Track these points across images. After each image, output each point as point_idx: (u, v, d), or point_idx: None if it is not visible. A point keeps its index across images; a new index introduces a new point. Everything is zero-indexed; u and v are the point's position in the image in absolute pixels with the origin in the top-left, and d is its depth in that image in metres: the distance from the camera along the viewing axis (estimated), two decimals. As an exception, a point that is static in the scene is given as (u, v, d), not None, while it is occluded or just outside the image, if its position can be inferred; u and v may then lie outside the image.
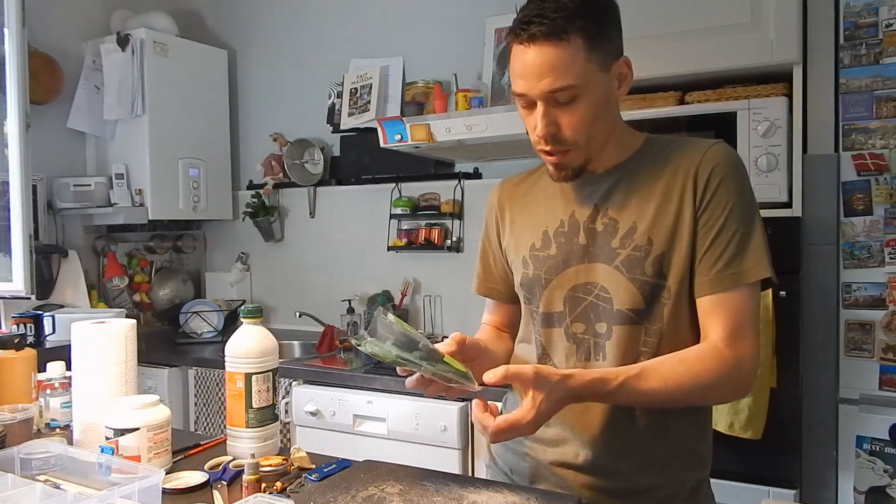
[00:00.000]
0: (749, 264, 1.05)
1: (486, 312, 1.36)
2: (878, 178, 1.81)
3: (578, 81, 1.03)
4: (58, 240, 3.04)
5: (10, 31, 2.30)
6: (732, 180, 1.07)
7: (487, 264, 1.32)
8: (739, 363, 1.04)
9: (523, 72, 1.04)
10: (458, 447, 2.11)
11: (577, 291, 1.13)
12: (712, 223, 1.06)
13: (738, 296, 1.05)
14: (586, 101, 1.05)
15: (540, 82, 1.03)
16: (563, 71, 1.02)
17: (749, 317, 1.06)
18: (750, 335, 1.06)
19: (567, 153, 1.09)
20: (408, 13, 3.01)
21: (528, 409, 0.96)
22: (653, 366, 1.03)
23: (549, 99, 1.04)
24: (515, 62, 1.06)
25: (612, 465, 1.10)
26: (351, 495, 1.02)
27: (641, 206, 1.10)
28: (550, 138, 1.07)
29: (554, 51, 1.01)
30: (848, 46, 1.85)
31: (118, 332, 1.30)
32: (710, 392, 1.07)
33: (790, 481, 1.80)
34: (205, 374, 2.71)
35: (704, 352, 1.04)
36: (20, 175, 2.33)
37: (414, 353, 1.00)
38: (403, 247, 2.92)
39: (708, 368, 1.03)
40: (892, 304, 1.80)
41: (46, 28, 2.99)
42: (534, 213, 1.21)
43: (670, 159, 1.11)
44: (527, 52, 1.03)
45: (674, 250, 1.07)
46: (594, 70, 1.04)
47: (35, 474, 1.11)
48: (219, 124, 3.38)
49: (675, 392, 1.02)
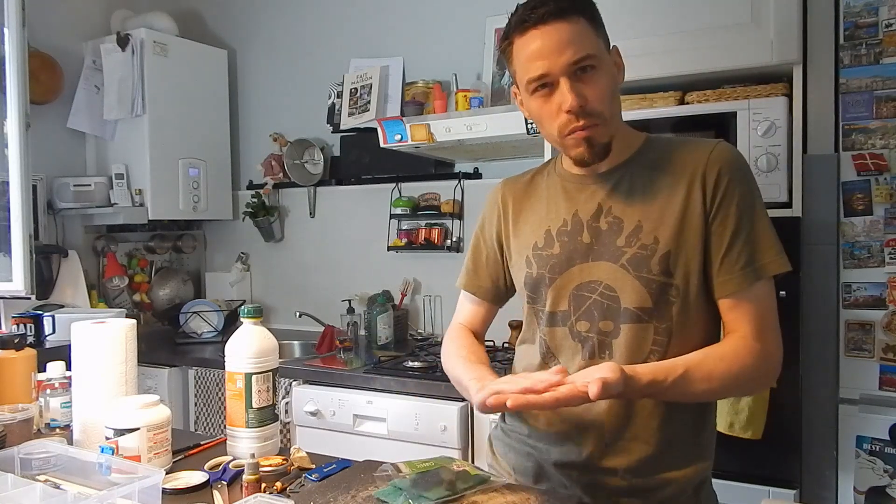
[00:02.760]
0: (766, 259, 1.09)
1: (461, 311, 1.36)
2: (878, 178, 1.81)
3: (596, 52, 1.07)
4: (58, 240, 3.04)
5: (10, 31, 2.29)
6: (740, 180, 1.09)
7: (479, 261, 1.32)
8: (769, 355, 1.08)
9: (541, 52, 1.06)
10: (458, 447, 2.11)
11: (582, 290, 1.13)
12: (727, 224, 1.08)
13: (760, 291, 1.09)
14: (604, 74, 1.09)
15: (561, 56, 1.05)
16: (580, 42, 1.05)
17: (771, 309, 1.10)
18: (775, 326, 1.10)
19: (597, 127, 1.09)
20: (408, 13, 3.01)
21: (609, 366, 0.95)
22: (696, 365, 1.04)
23: (571, 73, 1.06)
24: (529, 48, 1.07)
25: (616, 464, 1.10)
26: (351, 495, 1.02)
27: (646, 205, 1.10)
28: (580, 110, 1.07)
29: (567, 26, 1.05)
30: (848, 46, 1.85)
31: (118, 332, 1.30)
32: (746, 385, 1.13)
33: (790, 481, 1.80)
34: (205, 374, 2.71)
35: (740, 347, 1.07)
36: (20, 175, 2.33)
37: (443, 485, 1.00)
38: (403, 247, 2.92)
39: (745, 364, 1.06)
40: (892, 304, 1.80)
41: (46, 28, 2.99)
42: (536, 212, 1.21)
43: (673, 158, 1.12)
44: (539, 33, 1.06)
45: (680, 249, 1.08)
46: (602, 48, 1.09)
47: (35, 474, 1.11)
48: (219, 124, 3.38)
49: (718, 389, 1.07)
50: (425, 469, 1.02)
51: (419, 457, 1.09)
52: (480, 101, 2.52)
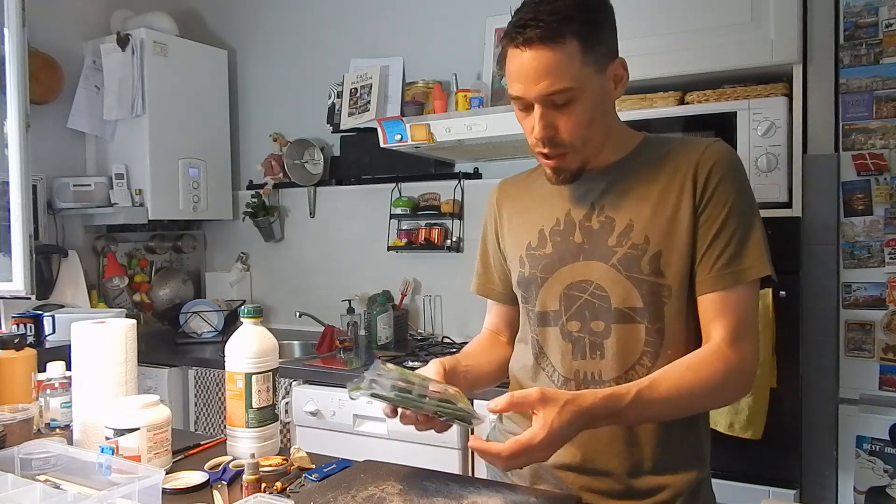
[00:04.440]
0: (749, 262, 1.05)
1: (486, 315, 1.36)
2: (878, 178, 1.81)
3: (575, 84, 1.03)
4: (58, 240, 3.04)
5: (10, 31, 2.29)
6: (732, 179, 1.08)
7: (487, 264, 1.32)
8: (742, 363, 1.04)
9: (519, 75, 1.04)
10: (458, 447, 2.11)
11: (573, 289, 1.13)
12: (712, 221, 1.06)
13: (739, 294, 1.06)
14: (583, 103, 1.05)
15: (536, 85, 1.03)
16: (559, 74, 1.02)
17: (750, 316, 1.06)
18: (751, 334, 1.06)
19: (565, 156, 1.09)
20: (408, 13, 3.01)
21: (539, 429, 0.92)
22: (662, 376, 1.02)
23: (545, 102, 1.04)
24: (511, 65, 1.06)
25: (612, 466, 1.10)
26: (351, 495, 1.02)
27: (638, 204, 1.10)
28: (548, 141, 1.07)
29: (550, 54, 1.01)
30: (848, 46, 1.85)
31: (118, 332, 1.30)
32: (716, 395, 1.07)
33: (790, 481, 1.80)
34: (205, 374, 2.71)
35: (709, 355, 1.04)
36: (20, 175, 2.33)
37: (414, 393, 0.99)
38: (403, 247, 2.92)
39: (715, 372, 1.03)
40: (892, 304, 1.80)
41: (46, 28, 2.98)
42: (530, 212, 1.21)
43: (668, 158, 1.11)
44: (522, 55, 1.03)
45: (671, 248, 1.07)
46: (590, 72, 1.04)
47: (35, 474, 1.11)
48: (219, 124, 3.38)
49: (686, 399, 1.02)
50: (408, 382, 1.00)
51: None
52: (480, 101, 2.52)
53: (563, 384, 1.13)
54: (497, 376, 1.29)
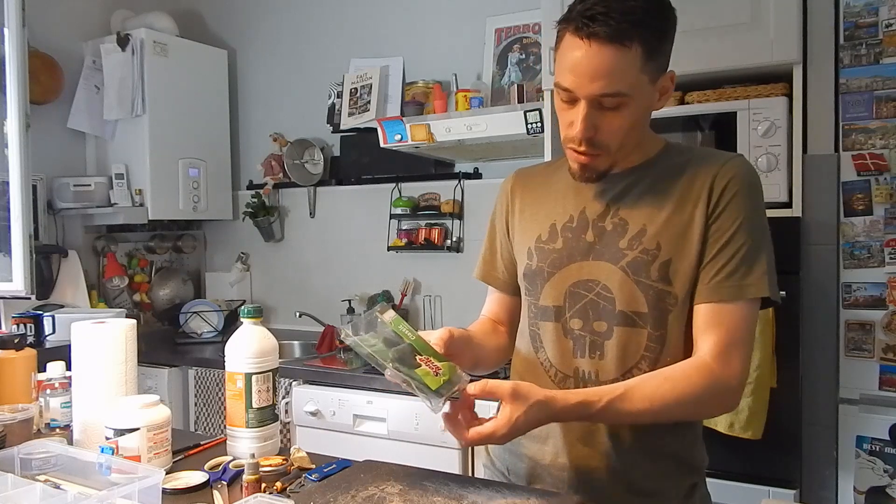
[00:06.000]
0: (751, 280, 1.04)
1: (486, 302, 1.35)
2: (878, 178, 1.81)
3: (629, 90, 1.01)
4: (58, 240, 3.04)
5: (10, 31, 2.29)
6: (747, 196, 1.07)
7: (494, 250, 1.31)
8: (727, 380, 1.03)
9: (575, 67, 1.01)
10: (458, 447, 2.11)
11: (579, 287, 1.12)
12: (721, 234, 1.05)
13: (736, 310, 1.04)
14: (630, 109, 1.03)
15: (592, 83, 1.00)
16: (617, 77, 0.99)
17: (743, 334, 1.05)
18: (741, 353, 1.04)
19: (598, 157, 1.07)
20: (408, 13, 3.01)
21: (503, 423, 0.96)
22: (637, 385, 1.02)
23: (594, 102, 1.02)
24: (568, 55, 1.02)
25: (607, 468, 1.10)
26: (351, 495, 1.02)
27: (654, 209, 1.09)
28: (586, 141, 1.05)
29: (613, 54, 0.98)
30: (848, 46, 1.85)
31: (118, 332, 1.30)
32: (694, 408, 1.06)
33: (790, 481, 1.80)
34: (205, 374, 2.71)
35: (691, 368, 1.03)
36: (20, 175, 2.33)
37: (392, 352, 0.99)
38: (403, 247, 2.92)
39: (694, 385, 1.01)
40: (892, 303, 1.80)
41: (46, 28, 2.98)
42: (544, 205, 1.20)
43: (688, 168, 1.10)
44: (583, 48, 0.99)
45: (682, 258, 1.07)
46: (645, 81, 1.02)
47: (35, 474, 1.11)
48: (219, 124, 3.38)
49: (660, 411, 1.01)
50: (399, 336, 1.00)
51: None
52: (480, 101, 2.52)
53: (562, 381, 1.13)
54: (496, 361, 1.28)
